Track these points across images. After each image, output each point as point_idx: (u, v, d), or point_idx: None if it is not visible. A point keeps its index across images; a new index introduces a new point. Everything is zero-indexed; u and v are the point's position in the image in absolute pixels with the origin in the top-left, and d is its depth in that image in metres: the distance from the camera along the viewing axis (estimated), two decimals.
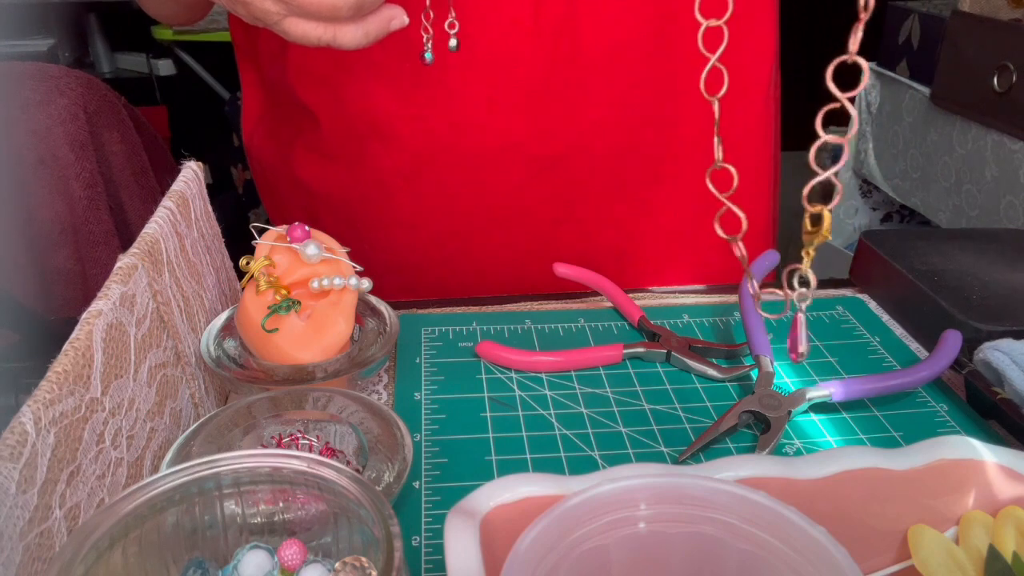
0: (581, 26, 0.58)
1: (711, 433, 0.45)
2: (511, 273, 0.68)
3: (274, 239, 0.48)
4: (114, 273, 0.37)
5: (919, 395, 0.50)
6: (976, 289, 0.55)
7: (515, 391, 0.50)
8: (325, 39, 0.46)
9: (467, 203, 0.65)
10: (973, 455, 0.33)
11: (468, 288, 0.68)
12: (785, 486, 0.31)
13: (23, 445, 0.28)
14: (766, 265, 0.60)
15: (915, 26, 1.55)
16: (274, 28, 0.46)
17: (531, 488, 0.30)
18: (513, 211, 0.65)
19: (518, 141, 0.61)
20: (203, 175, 0.50)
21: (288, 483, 0.31)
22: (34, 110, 0.95)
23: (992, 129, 1.31)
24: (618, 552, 0.29)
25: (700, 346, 0.54)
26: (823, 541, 0.26)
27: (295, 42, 0.46)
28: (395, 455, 0.40)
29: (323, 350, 0.46)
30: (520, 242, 0.67)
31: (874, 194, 1.80)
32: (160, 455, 0.40)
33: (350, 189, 0.66)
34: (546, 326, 0.57)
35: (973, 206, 1.38)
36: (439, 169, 0.63)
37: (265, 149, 0.72)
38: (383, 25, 0.47)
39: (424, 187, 0.64)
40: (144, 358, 0.38)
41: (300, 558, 0.29)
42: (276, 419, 0.42)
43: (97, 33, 2.28)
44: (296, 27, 0.45)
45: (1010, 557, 0.31)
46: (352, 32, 0.46)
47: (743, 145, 0.68)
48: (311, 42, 0.46)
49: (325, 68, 0.61)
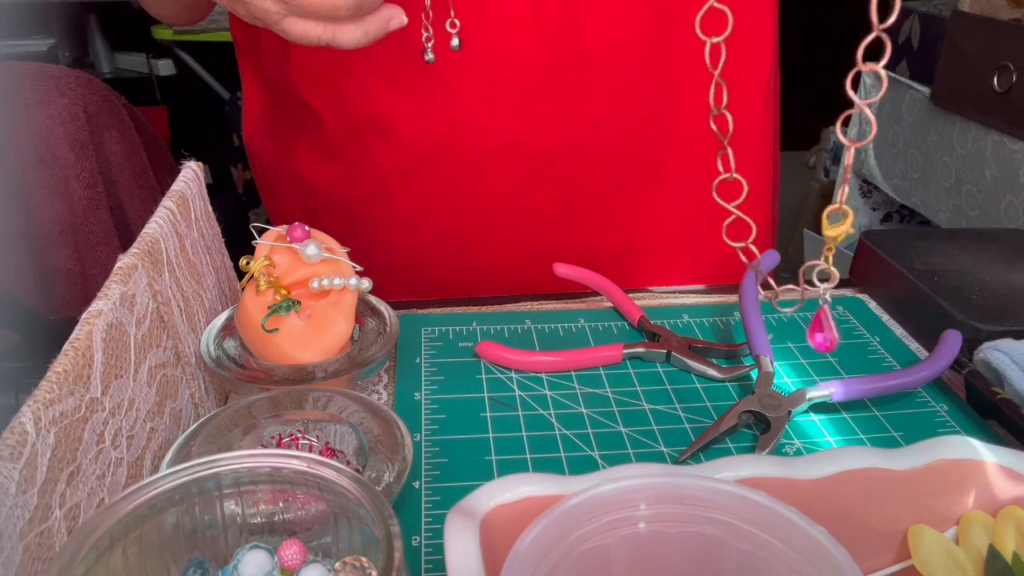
0: (581, 25, 0.58)
1: (711, 433, 0.45)
2: (511, 273, 0.68)
3: (274, 239, 0.48)
4: (114, 273, 0.37)
5: (919, 395, 0.50)
6: (976, 289, 0.55)
7: (515, 391, 0.50)
8: (325, 38, 0.46)
9: (467, 202, 0.65)
10: (973, 455, 0.33)
11: (468, 288, 0.68)
12: (785, 486, 0.31)
13: (23, 445, 0.28)
14: (767, 265, 0.60)
15: (915, 26, 1.55)
16: (274, 28, 0.46)
17: (531, 488, 0.30)
18: (513, 210, 0.65)
19: (518, 140, 0.61)
20: (203, 175, 0.50)
21: (288, 483, 0.31)
22: (34, 110, 0.95)
23: (992, 129, 1.31)
24: (618, 552, 0.29)
25: (700, 346, 0.54)
26: (823, 541, 0.26)
27: (295, 42, 0.46)
28: (395, 455, 0.40)
29: (323, 350, 0.46)
30: (520, 242, 0.67)
31: (874, 194, 1.80)
32: (160, 455, 0.40)
33: (351, 187, 0.66)
34: (546, 326, 0.57)
35: (973, 206, 1.38)
36: (439, 168, 0.63)
37: (266, 148, 0.72)
38: (382, 25, 0.47)
39: (424, 186, 0.64)
40: (144, 358, 0.38)
41: (300, 558, 0.29)
42: (276, 419, 0.42)
43: (97, 33, 2.28)
44: (296, 27, 0.46)
45: (1010, 557, 0.31)
46: (351, 32, 0.46)
47: (743, 145, 0.68)
48: (311, 42, 0.46)
49: (326, 67, 0.61)
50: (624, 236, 0.69)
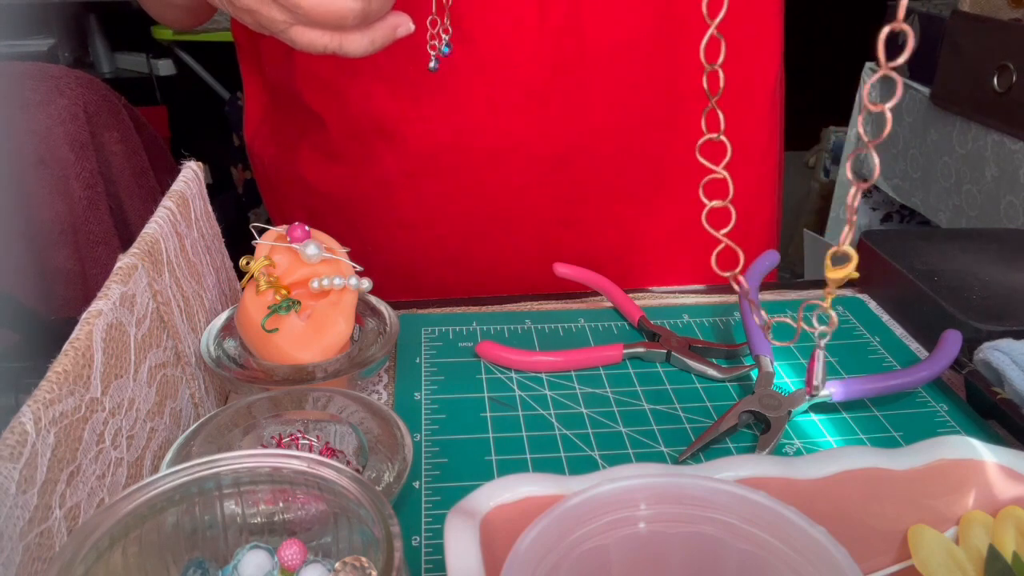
0: (584, 28, 0.58)
1: (711, 433, 0.45)
2: (512, 273, 0.68)
3: (274, 239, 0.48)
4: (114, 273, 0.37)
5: (919, 395, 0.50)
6: (976, 289, 0.55)
7: (515, 391, 0.50)
8: (331, 47, 0.46)
9: (469, 203, 0.65)
10: (973, 455, 0.33)
11: (468, 288, 0.68)
12: (785, 486, 0.31)
13: (23, 445, 0.28)
14: (767, 265, 0.60)
15: (915, 26, 1.55)
16: (280, 36, 0.46)
17: (531, 488, 0.30)
18: (515, 212, 0.65)
19: (520, 142, 0.61)
20: (203, 175, 0.50)
21: (288, 483, 0.31)
22: (34, 110, 0.95)
23: (992, 129, 1.31)
24: (618, 552, 0.29)
25: (700, 346, 0.54)
26: (823, 541, 0.26)
27: (301, 50, 0.46)
28: (395, 455, 0.40)
29: (323, 350, 0.46)
30: (521, 243, 0.67)
31: (874, 194, 1.80)
32: (160, 455, 0.40)
33: (353, 188, 0.66)
34: (546, 326, 0.57)
35: (973, 206, 1.38)
36: (442, 170, 0.63)
37: (268, 149, 0.72)
38: (389, 33, 0.47)
39: (426, 187, 0.64)
40: (144, 358, 0.38)
41: (300, 558, 0.29)
42: (276, 419, 0.42)
43: (97, 33, 2.28)
44: (302, 35, 0.45)
45: (1010, 557, 0.31)
46: (358, 40, 0.46)
47: (748, 146, 0.68)
48: (317, 50, 0.46)
49: (329, 72, 0.61)
50: (625, 237, 0.69)
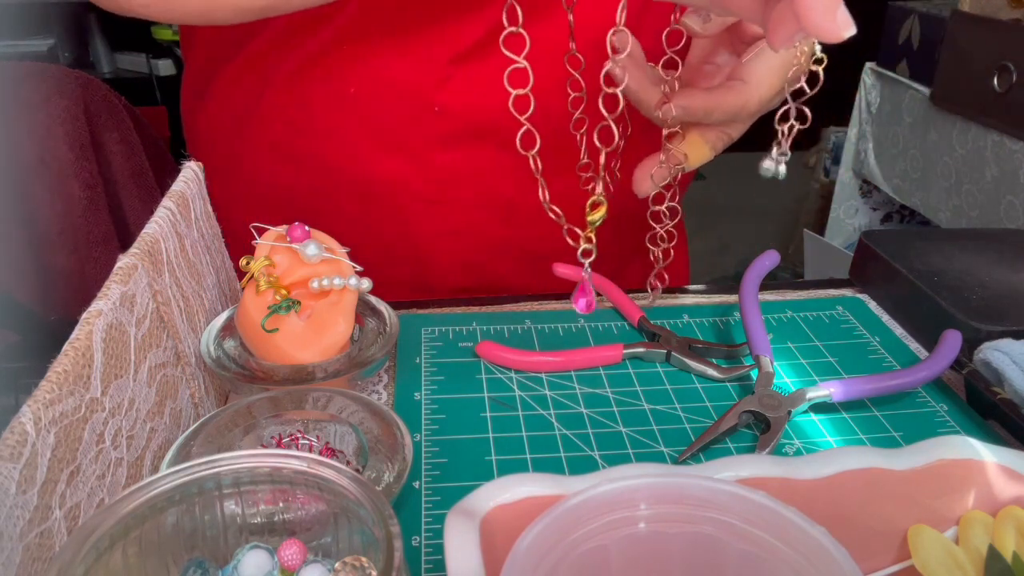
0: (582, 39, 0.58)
1: (711, 433, 0.45)
2: (512, 273, 0.68)
3: (274, 239, 0.48)
4: (114, 273, 0.37)
5: (919, 395, 0.50)
6: (976, 289, 0.55)
7: (515, 391, 0.50)
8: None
9: (470, 204, 0.64)
10: (973, 455, 0.33)
11: (468, 288, 0.68)
12: (785, 486, 0.31)
13: (23, 445, 0.28)
14: (767, 264, 0.59)
15: (915, 26, 1.55)
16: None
17: (531, 488, 0.30)
18: (516, 212, 0.65)
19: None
20: (203, 175, 0.50)
21: (288, 483, 0.31)
22: (34, 110, 0.95)
23: (992, 129, 1.31)
24: (618, 552, 0.29)
25: (700, 346, 0.54)
26: (823, 541, 0.26)
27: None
28: (395, 455, 0.40)
29: (323, 350, 0.46)
30: (522, 243, 0.67)
31: (874, 194, 1.80)
32: (160, 455, 0.40)
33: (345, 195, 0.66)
34: (546, 326, 0.57)
35: (973, 206, 1.38)
36: (443, 171, 0.63)
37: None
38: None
39: (427, 188, 0.64)
40: (144, 358, 0.38)
41: (300, 558, 0.29)
42: (276, 419, 0.42)
43: (97, 33, 2.28)
44: None
45: (1010, 557, 0.31)
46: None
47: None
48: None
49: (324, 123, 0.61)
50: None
